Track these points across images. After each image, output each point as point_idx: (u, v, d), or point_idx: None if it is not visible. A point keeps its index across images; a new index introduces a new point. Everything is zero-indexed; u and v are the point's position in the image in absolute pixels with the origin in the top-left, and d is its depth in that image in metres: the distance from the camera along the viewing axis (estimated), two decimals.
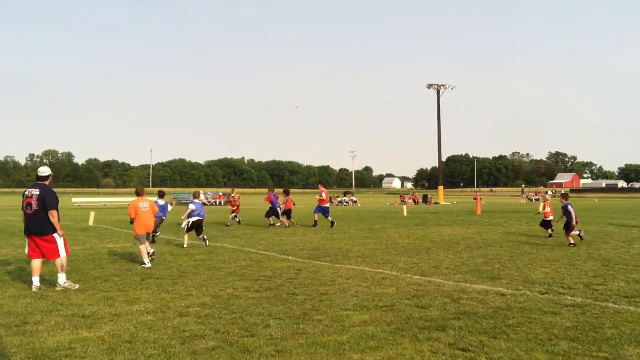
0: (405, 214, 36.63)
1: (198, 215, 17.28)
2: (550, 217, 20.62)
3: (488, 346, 6.50)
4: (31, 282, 10.12)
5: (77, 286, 10.16)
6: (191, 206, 17.42)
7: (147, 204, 14.19)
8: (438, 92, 72.99)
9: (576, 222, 17.98)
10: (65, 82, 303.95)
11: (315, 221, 25.83)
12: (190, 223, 17.13)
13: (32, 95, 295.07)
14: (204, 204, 26.76)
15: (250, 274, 11.70)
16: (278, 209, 25.65)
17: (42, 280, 10.34)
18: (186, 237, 17.25)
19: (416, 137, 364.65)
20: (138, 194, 14.52)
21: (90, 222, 26.32)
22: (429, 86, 73.70)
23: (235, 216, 27.82)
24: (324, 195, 26.52)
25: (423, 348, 6.42)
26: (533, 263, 13.39)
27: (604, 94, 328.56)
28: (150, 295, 9.43)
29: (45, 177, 10.39)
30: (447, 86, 73.51)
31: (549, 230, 20.33)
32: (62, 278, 10.17)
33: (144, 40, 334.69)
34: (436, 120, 73.08)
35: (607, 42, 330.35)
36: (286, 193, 27.20)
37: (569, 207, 18.02)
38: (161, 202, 18.77)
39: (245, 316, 7.95)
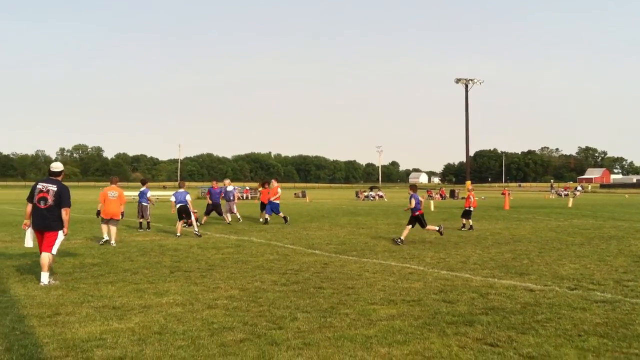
0: (432, 209, 36.49)
1: (180, 202, 18.54)
2: (471, 208, 21.52)
3: (517, 341, 6.46)
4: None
5: (57, 282, 9.89)
6: (172, 198, 19.03)
7: (116, 193, 16.16)
8: (466, 86, 72.11)
9: (420, 214, 16.75)
10: (96, 78, 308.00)
11: (283, 217, 24.13)
12: (177, 212, 18.66)
13: (62, 91, 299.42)
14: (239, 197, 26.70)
15: (277, 268, 11.76)
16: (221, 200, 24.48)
17: (59, 272, 10.35)
18: (178, 225, 18.59)
19: (444, 132, 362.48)
20: (111, 182, 16.75)
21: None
22: (457, 81, 72.72)
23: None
24: (279, 190, 25.03)
25: (451, 343, 6.40)
26: (562, 259, 13.26)
27: (635, 88, 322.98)
28: (179, 288, 9.53)
29: (59, 173, 10.39)
30: (475, 80, 72.63)
31: (468, 222, 21.20)
32: (45, 277, 9.83)
33: (172, 37, 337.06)
34: (464, 115, 72.48)
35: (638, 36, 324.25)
36: (263, 185, 26.31)
37: (414, 198, 16.78)
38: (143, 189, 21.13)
39: (272, 309, 7.99)
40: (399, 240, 16.42)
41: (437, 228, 17.00)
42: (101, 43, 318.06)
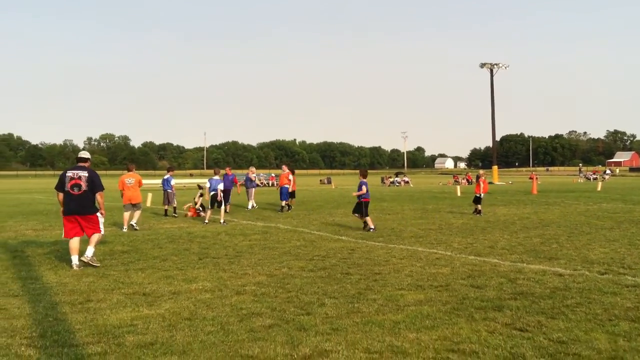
0: (459, 194, 36.24)
1: (214, 190, 18.71)
2: (481, 195, 21.58)
3: (546, 326, 6.42)
4: (70, 261, 10.33)
5: (99, 264, 10.39)
6: (207, 184, 19.23)
7: (133, 179, 16.81)
8: (491, 71, 71.32)
9: (366, 202, 16.37)
10: (121, 68, 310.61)
11: (288, 205, 23.87)
12: (210, 199, 18.83)
13: (90, 81, 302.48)
14: (258, 185, 26.94)
15: (304, 254, 11.80)
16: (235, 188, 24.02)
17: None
18: (208, 212, 18.73)
19: (469, 117, 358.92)
20: (128, 169, 17.30)
21: (148, 204, 26.79)
22: (482, 65, 72.02)
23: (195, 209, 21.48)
24: (290, 177, 24.41)
25: (479, 328, 6.38)
26: (592, 243, 13.10)
27: None
28: (208, 274, 9.62)
29: (87, 159, 10.85)
30: (500, 65, 71.77)
31: (477, 207, 21.42)
32: (91, 251, 10.34)
33: (196, 26, 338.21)
34: (490, 100, 71.71)
35: None
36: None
37: (364, 185, 16.41)
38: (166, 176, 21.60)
39: (300, 295, 8.03)
40: (371, 229, 15.96)
41: (372, 227, 16.01)
42: (127, 34, 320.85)
